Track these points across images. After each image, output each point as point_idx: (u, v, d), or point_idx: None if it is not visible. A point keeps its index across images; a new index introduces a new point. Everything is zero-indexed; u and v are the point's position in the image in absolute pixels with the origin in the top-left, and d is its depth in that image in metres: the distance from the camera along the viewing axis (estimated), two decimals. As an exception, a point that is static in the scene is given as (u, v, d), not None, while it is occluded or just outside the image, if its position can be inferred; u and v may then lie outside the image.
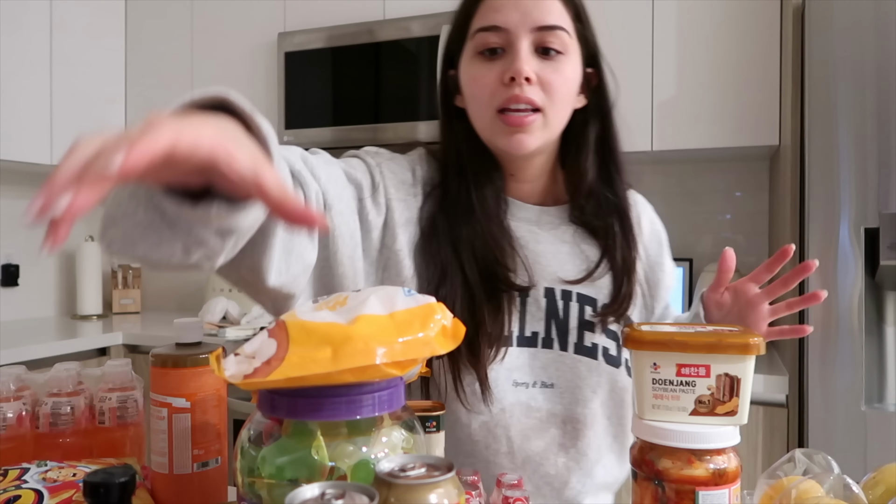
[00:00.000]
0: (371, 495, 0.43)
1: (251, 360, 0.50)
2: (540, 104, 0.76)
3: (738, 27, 1.83)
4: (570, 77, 0.79)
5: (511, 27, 0.76)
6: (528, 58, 0.75)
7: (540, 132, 0.78)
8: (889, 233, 1.37)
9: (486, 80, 0.77)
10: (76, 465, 0.69)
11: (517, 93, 0.75)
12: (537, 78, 0.76)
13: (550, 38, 0.76)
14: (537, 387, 0.79)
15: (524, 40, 0.76)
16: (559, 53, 0.77)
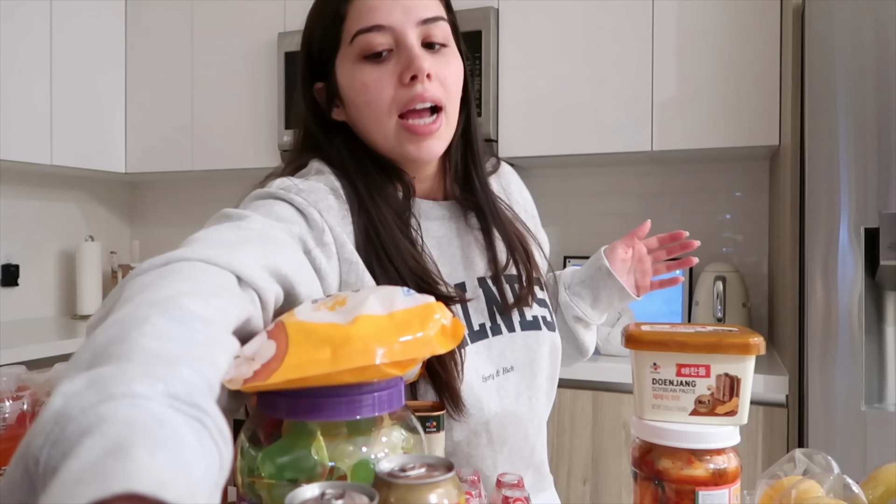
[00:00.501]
0: (371, 495, 0.43)
1: (251, 361, 0.50)
2: (441, 101, 0.72)
3: (738, 27, 1.83)
4: (458, 69, 0.75)
5: (396, 24, 0.71)
6: (423, 55, 0.71)
7: (445, 133, 0.75)
8: (889, 233, 1.37)
9: (380, 84, 0.72)
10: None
11: (419, 91, 0.70)
12: (434, 74, 0.72)
13: (434, 30, 0.72)
14: (500, 374, 0.79)
15: (412, 36, 0.71)
16: (444, 46, 0.74)
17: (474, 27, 2.03)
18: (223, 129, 2.48)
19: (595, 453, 1.71)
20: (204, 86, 2.51)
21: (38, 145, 2.30)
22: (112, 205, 2.96)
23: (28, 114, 2.26)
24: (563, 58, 2.01)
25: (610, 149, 1.97)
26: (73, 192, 2.78)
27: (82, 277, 2.59)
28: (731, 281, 1.94)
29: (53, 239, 2.69)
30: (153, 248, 3.00)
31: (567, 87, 2.00)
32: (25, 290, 2.58)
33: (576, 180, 2.33)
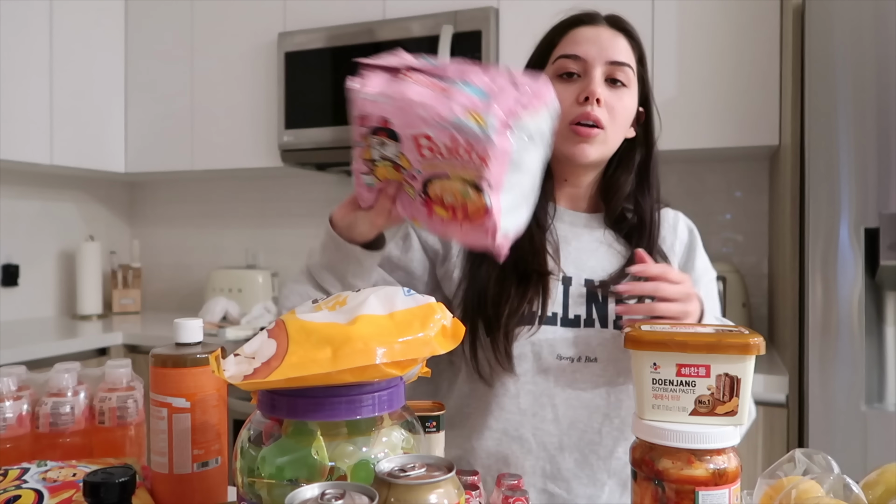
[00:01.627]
0: (371, 495, 0.43)
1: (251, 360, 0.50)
2: (604, 123, 0.91)
3: (738, 27, 1.83)
4: (629, 107, 0.95)
5: (589, 58, 0.91)
6: (601, 84, 0.91)
7: (600, 146, 0.93)
8: (889, 233, 1.37)
9: (563, 97, 0.89)
10: (76, 465, 0.69)
11: (588, 110, 0.90)
12: (604, 102, 0.91)
13: (619, 72, 0.92)
14: (581, 361, 0.90)
15: (598, 70, 0.91)
16: (624, 86, 0.93)
17: (474, 27, 2.03)
18: (223, 129, 2.48)
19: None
20: (204, 86, 2.51)
21: (38, 145, 2.30)
22: (112, 205, 2.96)
23: (28, 114, 2.26)
24: (563, 58, 2.00)
25: (610, 149, 1.97)
26: (73, 192, 2.78)
27: (82, 277, 2.59)
28: (731, 281, 1.94)
29: (53, 239, 2.69)
30: (153, 248, 3.00)
31: (567, 87, 2.00)
32: (25, 290, 2.58)
33: (576, 180, 2.33)
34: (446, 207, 0.68)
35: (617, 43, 0.93)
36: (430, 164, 0.66)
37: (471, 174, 0.64)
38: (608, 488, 0.90)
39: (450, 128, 0.62)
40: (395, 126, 0.65)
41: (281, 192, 2.77)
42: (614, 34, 0.94)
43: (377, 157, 0.70)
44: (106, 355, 2.21)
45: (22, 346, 1.95)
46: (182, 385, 0.68)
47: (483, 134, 0.61)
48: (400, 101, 0.64)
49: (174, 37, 2.55)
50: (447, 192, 0.67)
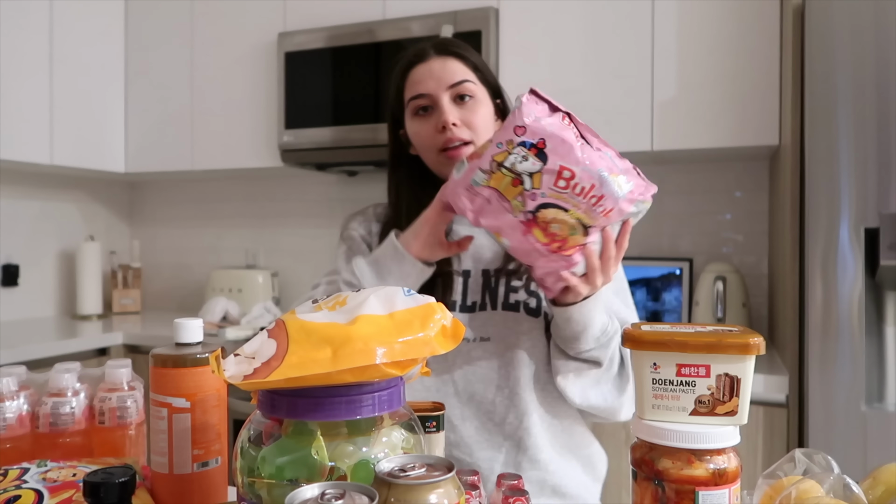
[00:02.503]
0: (371, 495, 0.43)
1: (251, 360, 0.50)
2: (468, 139, 1.02)
3: (738, 27, 1.83)
4: (485, 112, 1.05)
5: (432, 91, 1.03)
6: (450, 109, 1.02)
7: None
8: (889, 233, 1.37)
9: (424, 131, 1.04)
10: (76, 465, 0.69)
11: (449, 136, 1.01)
12: (460, 121, 1.02)
13: (461, 89, 1.03)
14: (477, 341, 1.02)
15: (444, 97, 1.02)
16: (471, 98, 1.03)
17: (474, 27, 2.03)
18: (223, 129, 2.48)
19: (595, 453, 1.71)
20: (204, 86, 2.51)
21: (38, 145, 2.30)
22: (112, 205, 2.96)
23: (28, 114, 2.26)
24: (563, 58, 2.01)
25: (610, 149, 1.97)
26: (73, 192, 2.78)
27: (82, 277, 2.59)
28: (731, 281, 1.94)
29: (53, 239, 2.69)
30: (153, 248, 3.00)
31: (567, 87, 2.00)
32: (25, 290, 2.58)
33: (576, 180, 2.32)
34: (547, 234, 0.78)
35: (449, 66, 1.03)
36: (558, 194, 0.76)
37: (589, 219, 0.76)
38: (504, 450, 1.00)
39: (595, 176, 0.75)
40: (549, 150, 0.75)
41: (281, 192, 2.77)
42: (444, 60, 1.04)
43: (507, 165, 0.77)
44: (106, 355, 2.21)
45: (22, 346, 1.95)
46: (182, 385, 0.68)
47: (619, 196, 0.76)
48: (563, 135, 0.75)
49: (174, 37, 2.55)
50: (558, 223, 0.78)
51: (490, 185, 0.79)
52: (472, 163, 0.80)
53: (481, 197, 0.80)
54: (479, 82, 1.05)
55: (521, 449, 1.00)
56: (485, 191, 0.79)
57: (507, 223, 0.80)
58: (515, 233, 0.80)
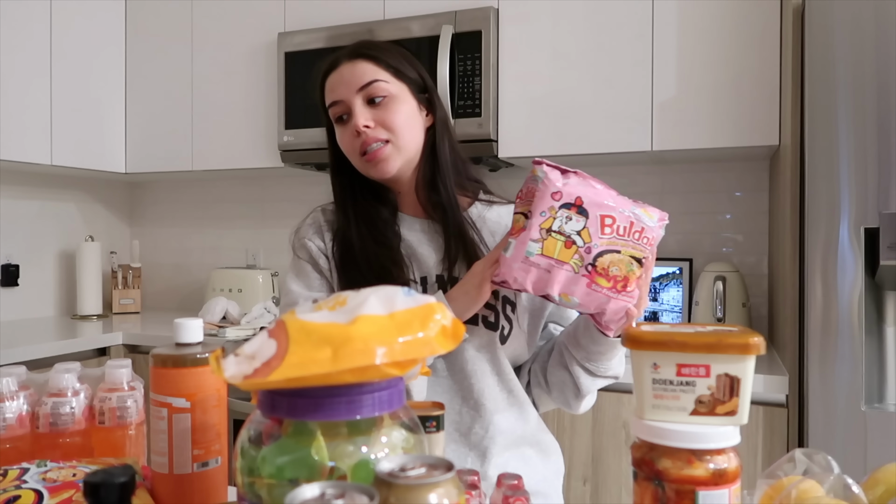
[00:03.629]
0: (371, 495, 0.43)
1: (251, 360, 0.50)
2: (385, 138, 1.01)
3: (738, 27, 1.83)
4: (401, 109, 1.03)
5: (344, 97, 1.03)
6: (361, 112, 1.01)
7: (395, 155, 1.02)
8: (889, 233, 1.37)
9: (345, 138, 1.04)
10: (76, 465, 0.69)
11: (364, 139, 1.01)
12: (374, 122, 1.01)
13: (372, 90, 1.02)
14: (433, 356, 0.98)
15: (356, 101, 1.02)
16: (385, 97, 1.02)
17: (474, 27, 2.03)
18: (223, 129, 2.48)
19: (595, 453, 1.71)
20: (204, 86, 2.51)
21: (38, 145, 2.29)
22: (112, 205, 2.96)
23: (28, 114, 2.26)
24: (563, 58, 2.01)
25: (610, 149, 1.97)
26: (73, 192, 2.78)
27: (82, 277, 2.59)
28: (731, 281, 1.94)
29: (53, 239, 2.69)
30: (153, 248, 3.00)
31: (567, 87, 2.00)
32: (25, 290, 2.58)
33: (576, 180, 2.32)
34: (609, 278, 0.84)
35: (358, 69, 1.03)
36: (608, 241, 0.83)
37: (639, 252, 0.84)
38: (470, 459, 1.01)
39: (630, 215, 0.83)
40: (587, 205, 0.83)
41: (281, 192, 2.77)
42: (353, 64, 1.03)
43: (556, 229, 0.84)
44: (106, 355, 2.21)
45: (22, 346, 1.95)
46: (182, 385, 0.68)
47: (653, 225, 0.84)
48: (592, 188, 0.85)
49: (174, 37, 2.55)
50: (615, 264, 0.84)
51: (544, 254, 0.84)
52: (520, 237, 0.85)
53: (537, 267, 0.85)
54: (394, 79, 1.03)
55: (486, 458, 1.00)
56: (541, 260, 0.85)
57: (573, 281, 0.85)
58: (580, 287, 0.84)
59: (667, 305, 2.09)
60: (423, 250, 1.06)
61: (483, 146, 2.06)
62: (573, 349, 1.00)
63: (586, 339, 0.97)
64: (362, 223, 1.07)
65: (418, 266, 1.05)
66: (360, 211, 1.08)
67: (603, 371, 1.00)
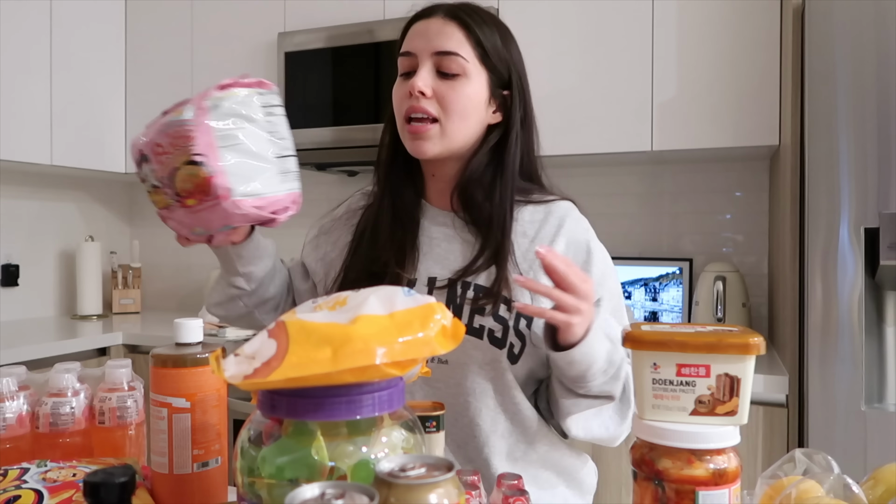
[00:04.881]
0: (371, 495, 0.43)
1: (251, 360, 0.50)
2: (435, 115, 0.91)
3: (738, 27, 1.83)
4: (467, 94, 0.92)
5: (416, 52, 0.93)
6: (425, 76, 0.91)
7: (438, 140, 0.92)
8: (889, 233, 1.37)
9: (399, 94, 0.94)
10: (76, 465, 0.69)
11: (414, 104, 0.91)
12: (434, 93, 0.91)
13: (447, 62, 0.91)
14: (434, 362, 0.92)
15: (426, 63, 0.92)
16: (457, 75, 0.92)
17: (474, 27, 2.03)
18: (223, 129, 2.47)
19: (595, 453, 1.71)
20: (204, 86, 2.50)
21: (38, 145, 2.29)
22: (112, 205, 2.96)
23: (28, 114, 2.26)
24: (563, 58, 2.00)
25: (610, 149, 1.97)
26: (73, 192, 2.78)
27: (82, 277, 2.59)
28: (731, 281, 1.94)
29: (53, 239, 2.69)
30: (153, 248, 3.00)
31: (567, 87, 2.00)
32: (25, 290, 2.57)
33: (576, 180, 2.33)
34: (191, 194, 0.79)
35: (446, 32, 0.92)
36: (165, 165, 0.80)
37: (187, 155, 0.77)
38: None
39: (163, 129, 0.79)
40: (144, 148, 0.81)
41: (281, 192, 2.77)
42: (445, 23, 0.93)
43: (149, 187, 0.84)
44: (106, 355, 2.21)
45: (22, 346, 1.95)
46: (182, 385, 0.68)
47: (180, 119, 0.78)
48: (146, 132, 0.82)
49: (174, 37, 2.55)
50: (182, 180, 0.79)
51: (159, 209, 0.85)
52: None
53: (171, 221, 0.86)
54: (477, 61, 0.93)
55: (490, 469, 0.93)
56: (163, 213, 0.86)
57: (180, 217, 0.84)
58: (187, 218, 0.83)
59: (667, 305, 2.09)
60: (442, 249, 0.97)
61: (483, 146, 2.06)
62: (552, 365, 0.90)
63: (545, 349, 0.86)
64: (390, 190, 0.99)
65: (429, 263, 0.96)
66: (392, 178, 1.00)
67: (583, 389, 0.88)
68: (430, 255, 0.96)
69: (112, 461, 0.73)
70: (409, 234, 0.97)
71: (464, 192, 0.96)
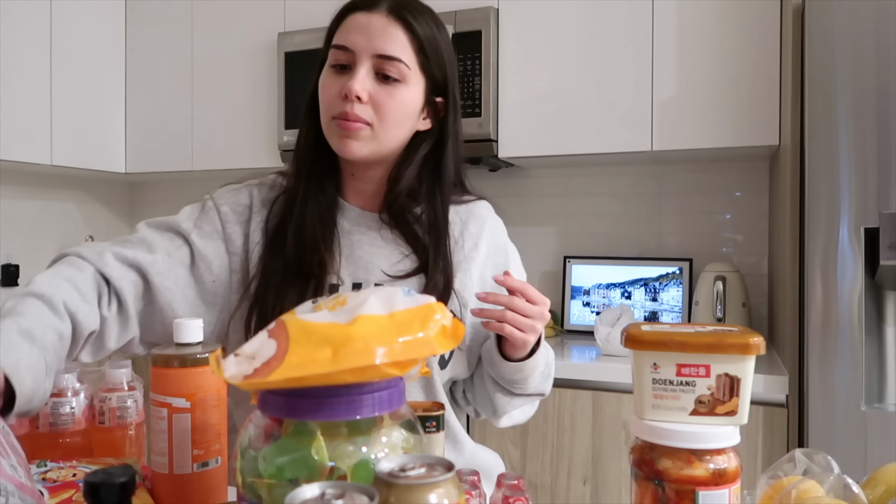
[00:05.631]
0: (371, 495, 0.43)
1: (251, 360, 0.50)
2: (368, 121, 0.86)
3: (738, 27, 1.83)
4: (404, 102, 0.88)
5: (356, 49, 0.86)
6: (363, 79, 0.85)
7: (368, 142, 0.87)
8: (889, 233, 1.37)
9: (329, 89, 0.88)
10: (76, 464, 0.69)
11: (348, 109, 0.85)
12: (370, 98, 0.86)
13: (388, 66, 0.86)
14: None
15: (365, 64, 0.86)
16: (396, 81, 0.87)
17: (474, 27, 2.03)
18: (223, 129, 2.48)
19: (595, 453, 1.71)
20: (204, 86, 2.51)
21: (38, 145, 2.29)
22: (112, 205, 2.96)
23: (28, 114, 2.26)
24: (563, 58, 2.00)
25: (610, 149, 1.97)
26: (73, 192, 2.77)
27: (82, 277, 2.58)
28: (731, 281, 1.94)
29: (53, 239, 2.69)
30: (153, 248, 3.00)
31: (567, 87, 2.00)
32: (25, 290, 2.57)
33: (576, 180, 2.33)
34: None
35: (389, 34, 0.86)
36: None
37: None
38: None
39: None
40: None
41: (281, 192, 2.77)
42: (389, 23, 0.86)
43: None
44: (106, 355, 2.21)
45: (22, 346, 1.95)
46: (182, 385, 0.68)
47: None
48: None
49: (174, 37, 2.55)
50: None
51: None
52: None
53: None
54: (416, 67, 0.88)
55: None
56: None
57: None
58: None
59: (667, 305, 2.09)
60: (366, 252, 0.93)
61: (483, 146, 2.06)
62: (488, 366, 0.92)
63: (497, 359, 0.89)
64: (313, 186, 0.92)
65: (352, 267, 0.92)
66: (315, 173, 0.93)
67: (520, 389, 0.91)
68: (352, 259, 0.92)
69: (112, 461, 0.73)
70: (332, 235, 0.92)
71: (396, 199, 0.93)
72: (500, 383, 0.92)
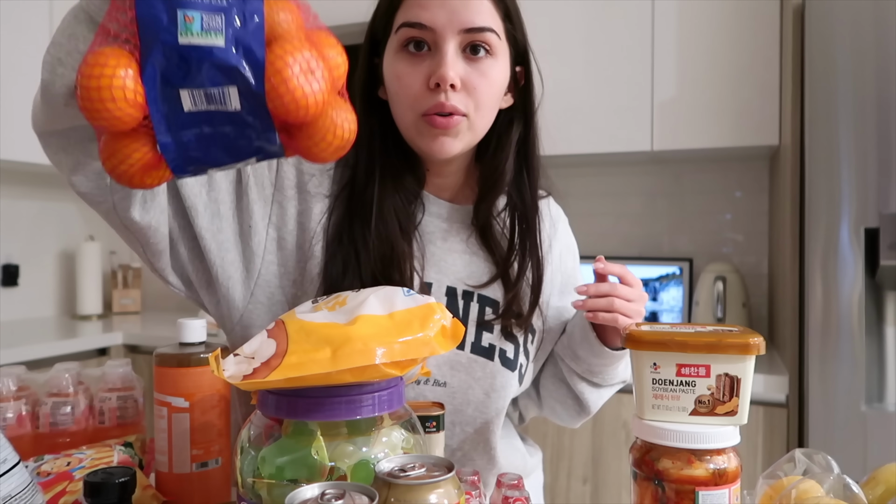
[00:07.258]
0: (371, 495, 0.43)
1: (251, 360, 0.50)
2: (464, 111, 0.73)
3: (738, 27, 1.83)
4: (497, 80, 0.76)
5: (437, 27, 0.72)
6: (454, 61, 0.72)
7: (465, 135, 0.76)
8: (889, 233, 1.37)
9: (410, 80, 0.73)
10: (71, 452, 0.69)
11: (442, 101, 0.72)
12: (462, 83, 0.73)
13: (479, 39, 0.73)
14: (429, 384, 0.77)
15: (451, 42, 0.72)
16: (488, 55, 0.74)
17: (474, 27, 2.03)
18: (223, 129, 2.47)
19: (595, 453, 1.71)
20: (204, 86, 2.51)
21: (38, 145, 2.29)
22: (112, 205, 2.96)
23: (28, 114, 2.25)
24: (562, 58, 2.00)
25: (610, 149, 1.97)
26: (73, 193, 2.77)
27: (82, 277, 2.59)
28: (731, 281, 1.94)
29: (53, 239, 2.69)
30: (153, 248, 3.00)
31: (567, 87, 2.00)
32: (25, 290, 2.57)
33: (576, 180, 2.33)
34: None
35: (471, 3, 0.72)
36: None
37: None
38: None
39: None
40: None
41: (281, 192, 2.76)
42: None
43: None
44: (106, 355, 2.21)
45: (22, 346, 1.95)
46: (181, 385, 0.68)
47: None
48: None
49: (174, 37, 2.55)
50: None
51: None
52: None
53: None
54: (504, 37, 0.77)
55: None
56: None
57: None
58: None
59: (667, 305, 2.09)
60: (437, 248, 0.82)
61: (483, 146, 2.06)
62: (571, 362, 0.85)
63: (585, 350, 0.82)
64: (389, 181, 0.78)
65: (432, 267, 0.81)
66: (389, 169, 0.79)
67: (609, 380, 0.85)
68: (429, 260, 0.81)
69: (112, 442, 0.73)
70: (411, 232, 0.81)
71: (490, 192, 0.82)
72: (588, 378, 0.84)
